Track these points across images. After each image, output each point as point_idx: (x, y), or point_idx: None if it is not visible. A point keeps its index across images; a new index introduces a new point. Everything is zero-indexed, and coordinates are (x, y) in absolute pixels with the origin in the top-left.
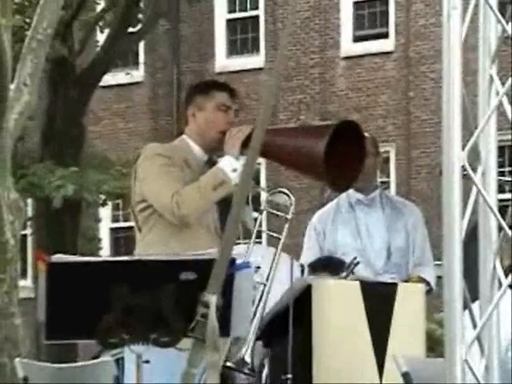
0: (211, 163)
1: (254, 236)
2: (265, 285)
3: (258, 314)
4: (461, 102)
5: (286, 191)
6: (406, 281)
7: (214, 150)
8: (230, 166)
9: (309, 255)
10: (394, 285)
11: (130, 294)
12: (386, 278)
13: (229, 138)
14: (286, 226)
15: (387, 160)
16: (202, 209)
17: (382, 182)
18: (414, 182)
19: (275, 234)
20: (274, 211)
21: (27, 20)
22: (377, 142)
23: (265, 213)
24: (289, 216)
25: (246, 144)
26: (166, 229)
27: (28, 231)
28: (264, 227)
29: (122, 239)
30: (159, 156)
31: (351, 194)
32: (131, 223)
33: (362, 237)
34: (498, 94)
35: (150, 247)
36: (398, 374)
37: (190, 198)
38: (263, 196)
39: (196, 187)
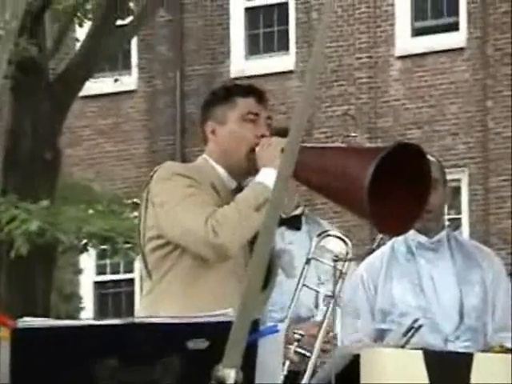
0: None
1: (297, 291)
2: (308, 357)
3: None
4: None
5: (341, 235)
6: (485, 351)
7: (244, 175)
8: (273, 179)
9: (356, 322)
10: (469, 355)
11: (122, 369)
12: (458, 346)
13: (262, 151)
14: (341, 282)
15: (457, 190)
16: (245, 236)
17: (450, 220)
18: (494, 220)
19: (326, 292)
20: (325, 261)
21: None
22: (443, 167)
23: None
24: (344, 269)
25: None
26: (186, 275)
27: None
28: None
29: (110, 297)
30: (180, 176)
31: (410, 235)
32: (122, 276)
33: (426, 292)
34: None
35: (161, 300)
36: None
37: (230, 221)
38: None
39: (234, 208)
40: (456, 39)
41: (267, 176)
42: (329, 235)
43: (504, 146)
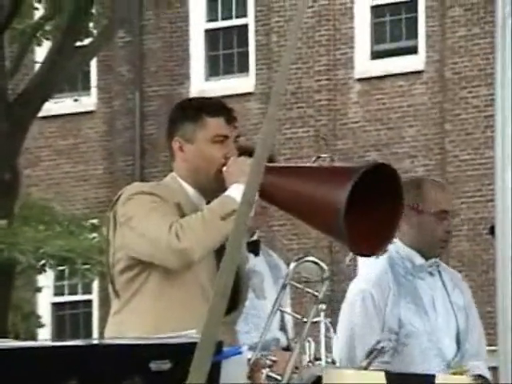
0: None
1: (271, 316)
2: (280, 381)
3: None
4: None
5: (317, 260)
6: (456, 373)
7: (213, 193)
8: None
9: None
10: (431, 377)
11: None
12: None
13: (229, 169)
14: (316, 307)
15: None
16: (209, 244)
17: None
18: (453, 243)
19: (298, 316)
20: (300, 286)
21: None
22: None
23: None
24: (320, 294)
25: None
26: (154, 294)
27: None
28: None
29: (67, 318)
30: (146, 194)
31: (407, 255)
32: (80, 297)
33: (430, 316)
34: None
35: (129, 320)
36: None
37: (193, 227)
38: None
39: (199, 217)
40: (414, 62)
41: (235, 190)
42: (306, 261)
43: (462, 168)
